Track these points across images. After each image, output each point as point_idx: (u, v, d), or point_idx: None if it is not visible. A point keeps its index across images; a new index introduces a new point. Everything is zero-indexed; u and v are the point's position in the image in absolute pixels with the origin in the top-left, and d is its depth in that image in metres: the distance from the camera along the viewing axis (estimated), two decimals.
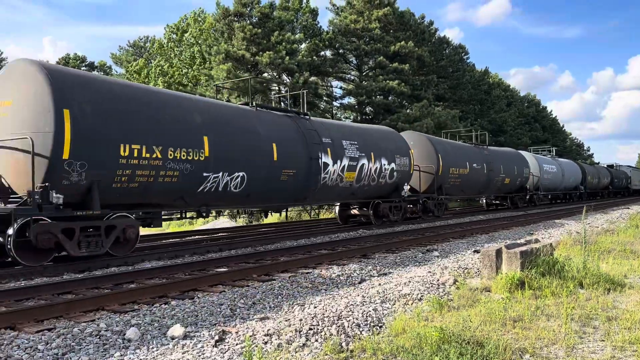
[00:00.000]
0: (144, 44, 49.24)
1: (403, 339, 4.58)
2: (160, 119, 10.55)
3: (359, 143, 15.99)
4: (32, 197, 8.59)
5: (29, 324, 5.51)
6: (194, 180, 11.07)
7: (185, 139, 10.84)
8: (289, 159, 13.35)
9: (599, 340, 4.70)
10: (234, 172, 11.91)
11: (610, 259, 8.80)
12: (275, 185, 13.21)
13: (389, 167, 17.09)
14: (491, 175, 24.33)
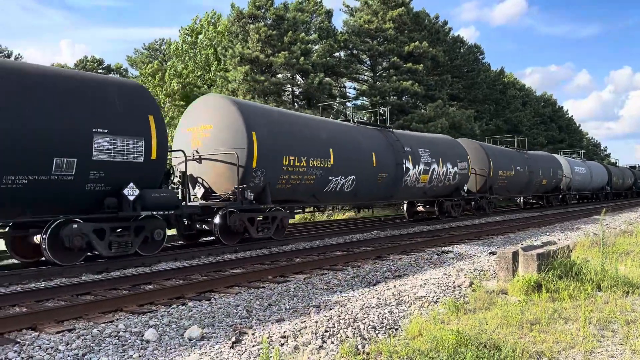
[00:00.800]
0: (159, 47, 49.62)
1: (419, 342, 4.58)
2: (304, 137, 13.96)
3: (430, 150, 19.22)
4: (235, 195, 12.19)
5: (50, 324, 5.61)
6: (323, 182, 14.51)
7: (319, 151, 14.21)
8: (383, 165, 16.66)
9: (617, 344, 4.66)
10: (348, 176, 15.31)
11: (629, 260, 8.69)
12: (373, 185, 16.56)
13: (453, 171, 20.26)
14: (531, 176, 27.06)
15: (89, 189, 9.37)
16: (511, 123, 47.92)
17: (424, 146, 19.09)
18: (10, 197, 8.46)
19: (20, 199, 8.59)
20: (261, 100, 28.66)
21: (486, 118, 44.10)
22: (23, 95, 8.58)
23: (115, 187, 9.65)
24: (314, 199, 14.67)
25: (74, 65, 53.73)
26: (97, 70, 53.69)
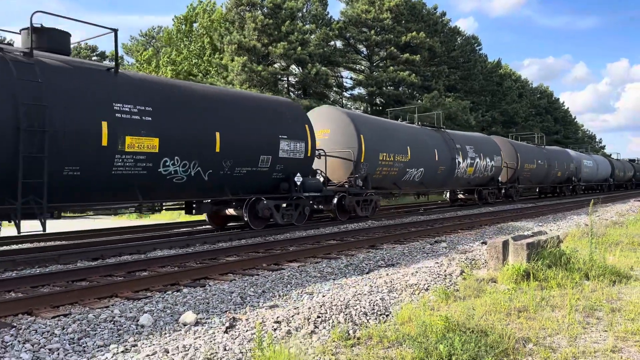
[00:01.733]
0: (156, 34, 49.36)
1: (409, 328, 4.69)
2: (392, 138, 17.83)
3: (474, 147, 22.88)
4: (350, 182, 16.00)
5: (45, 309, 5.69)
6: (402, 173, 18.37)
7: (400, 149, 17.99)
8: (442, 159, 20.44)
9: (601, 330, 4.77)
10: (419, 168, 19.12)
11: (618, 251, 8.83)
12: (435, 176, 20.44)
13: (490, 164, 23.98)
14: (549, 169, 30.78)
15: (274, 177, 13.36)
16: (507, 114, 48.03)
17: (469, 143, 22.77)
18: (234, 182, 12.30)
19: (239, 183, 12.47)
20: (258, 90, 28.63)
21: (482, 109, 44.19)
22: (243, 114, 12.57)
23: (288, 175, 13.64)
24: (395, 186, 18.75)
25: None
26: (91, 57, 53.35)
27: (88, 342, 4.62)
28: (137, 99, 10.06)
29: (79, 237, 12.89)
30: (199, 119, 11.24)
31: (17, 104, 8.33)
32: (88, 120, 9.23)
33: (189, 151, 10.92)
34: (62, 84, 9.06)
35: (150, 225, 16.22)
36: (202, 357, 3.93)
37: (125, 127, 9.72)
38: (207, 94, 12.06)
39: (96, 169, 9.41)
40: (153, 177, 10.35)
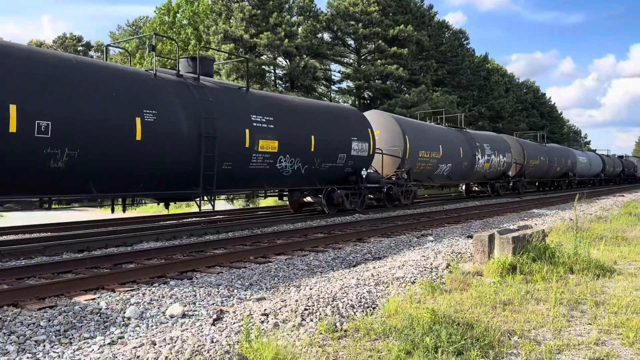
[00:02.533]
0: (143, 24, 48.81)
1: (395, 320, 4.72)
2: (428, 138, 20.85)
3: (490, 145, 25.91)
4: (398, 175, 19.03)
5: (31, 301, 5.63)
6: (435, 168, 21.34)
7: (434, 147, 20.99)
8: (465, 156, 23.36)
9: (585, 323, 4.85)
10: (447, 164, 22.07)
11: (601, 245, 8.96)
12: (459, 170, 23.32)
13: (503, 160, 26.98)
14: (550, 165, 33.75)
15: (346, 171, 16.20)
16: (494, 109, 48.34)
17: (486, 142, 25.72)
18: (320, 175, 15.30)
19: (322, 175, 15.44)
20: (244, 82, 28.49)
21: (469, 104, 44.40)
22: (327, 120, 15.61)
23: (356, 170, 16.45)
24: (428, 179, 21.80)
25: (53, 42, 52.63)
26: (77, 47, 52.67)
27: (74, 334, 4.59)
28: (264, 112, 13.30)
29: (64, 229, 12.78)
30: (301, 125, 14.40)
31: (199, 118, 11.41)
32: (237, 128, 12.40)
33: (295, 150, 14.06)
34: (221, 101, 12.22)
35: (136, 217, 16.12)
36: (190, 349, 3.93)
37: (259, 133, 12.91)
38: (304, 105, 15.51)
39: (240, 165, 12.60)
40: (272, 170, 13.58)
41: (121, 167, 10.16)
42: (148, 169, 10.69)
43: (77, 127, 9.18)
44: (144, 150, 10.33)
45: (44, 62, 9.09)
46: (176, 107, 11.14)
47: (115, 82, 10.10)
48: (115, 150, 9.87)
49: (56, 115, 8.88)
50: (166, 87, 11.21)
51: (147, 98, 10.54)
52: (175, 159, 11.03)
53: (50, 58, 9.37)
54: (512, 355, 4.05)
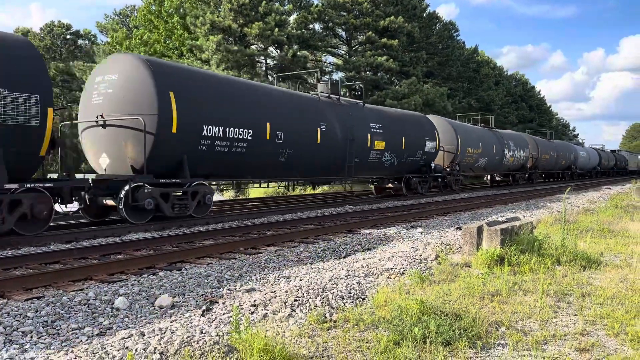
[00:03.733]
0: (130, 12, 48.24)
1: (384, 311, 4.75)
2: (471, 136, 25.41)
3: (514, 142, 30.97)
4: (452, 167, 23.38)
5: (18, 292, 5.59)
6: (476, 161, 25.86)
7: (476, 144, 25.57)
8: (497, 151, 28.14)
9: (572, 314, 4.90)
10: (485, 157, 26.65)
11: (588, 237, 9.05)
12: (493, 163, 28.04)
13: (523, 155, 32.03)
14: (558, 158, 39.00)
15: (420, 163, 20.86)
16: (483, 101, 48.46)
17: (511, 139, 30.73)
18: (405, 167, 19.98)
19: (406, 167, 20.15)
20: (235, 72, 28.30)
21: (459, 96, 44.48)
22: (411, 124, 20.40)
23: (427, 162, 21.19)
24: (470, 170, 26.27)
25: (40, 29, 51.88)
26: (66, 36, 52.01)
27: (62, 325, 4.57)
28: (376, 121, 18.31)
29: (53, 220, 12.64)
30: (396, 129, 19.25)
31: (346, 127, 16.55)
32: (363, 134, 17.42)
33: (393, 148, 18.90)
34: (354, 114, 17.34)
35: None
36: (179, 340, 3.92)
37: (374, 136, 17.91)
38: (398, 114, 20.70)
39: (364, 159, 17.59)
40: (379, 163, 18.59)
41: (309, 161, 15.46)
42: (322, 162, 15.92)
43: (292, 135, 14.33)
44: (321, 149, 15.59)
45: (277, 97, 14.65)
46: (334, 120, 16.26)
47: (303, 104, 15.48)
48: (307, 150, 15.06)
49: (285, 128, 14.07)
50: (327, 106, 16.44)
51: (320, 114, 15.78)
52: (335, 155, 16.28)
53: (278, 93, 14.98)
54: (499, 346, 4.09)
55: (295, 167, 14.96)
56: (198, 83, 12.02)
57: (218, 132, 12.07)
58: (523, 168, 32.65)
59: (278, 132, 13.72)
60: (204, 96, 11.94)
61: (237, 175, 13.78)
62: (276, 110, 14.01)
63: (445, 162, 23.30)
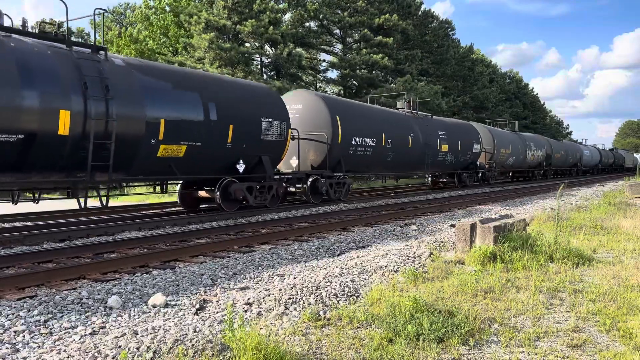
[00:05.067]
0: (123, 11, 48.05)
1: (378, 308, 4.75)
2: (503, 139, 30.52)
3: (534, 142, 35.88)
4: (490, 165, 28.64)
5: (10, 291, 5.57)
6: (506, 159, 30.68)
7: (507, 145, 30.58)
8: (522, 151, 32.90)
9: (564, 311, 4.93)
10: (513, 156, 31.49)
11: (581, 234, 9.09)
12: (519, 161, 32.79)
13: (540, 154, 36.66)
14: (566, 157, 43.94)
15: (469, 162, 25.94)
16: (477, 99, 48.59)
17: (532, 141, 35.85)
18: (459, 164, 25.44)
19: (458, 165, 25.25)
20: (229, 70, 28.23)
21: (454, 94, 44.57)
22: (462, 132, 25.41)
23: (473, 161, 26.26)
24: (502, 167, 30.98)
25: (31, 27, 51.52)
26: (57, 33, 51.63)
27: (54, 324, 4.55)
28: (441, 129, 23.43)
29: (45, 218, 12.62)
30: (455, 135, 24.38)
31: (424, 134, 21.84)
32: (434, 140, 22.79)
33: (453, 150, 23.99)
34: (428, 124, 22.87)
35: (118, 207, 15.97)
36: (172, 339, 3.92)
37: (441, 141, 23.03)
38: (455, 123, 25.90)
39: (434, 158, 22.92)
40: (443, 162, 23.74)
41: (403, 160, 20.80)
42: (410, 161, 21.37)
43: (395, 141, 19.68)
44: (411, 152, 20.95)
45: (386, 114, 20.70)
46: (417, 129, 21.47)
47: (399, 119, 21.05)
48: (403, 152, 20.36)
49: (391, 136, 19.48)
50: (411, 119, 21.79)
51: (408, 126, 21.09)
52: (419, 156, 21.56)
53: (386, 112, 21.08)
54: (492, 343, 4.11)
55: (396, 165, 20.75)
56: (349, 109, 18.08)
57: (359, 141, 17.61)
58: (540, 165, 37.86)
59: (388, 140, 19.22)
60: (352, 117, 17.60)
61: (364, 172, 20.19)
62: (386, 124, 19.56)
63: (485, 160, 28.36)
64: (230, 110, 12.57)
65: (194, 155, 11.66)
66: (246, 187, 13.04)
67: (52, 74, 9.08)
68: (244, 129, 12.88)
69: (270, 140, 13.81)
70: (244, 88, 13.74)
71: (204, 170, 12.52)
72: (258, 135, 13.36)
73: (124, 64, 10.75)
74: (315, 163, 16.54)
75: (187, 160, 11.61)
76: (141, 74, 10.81)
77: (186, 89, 11.57)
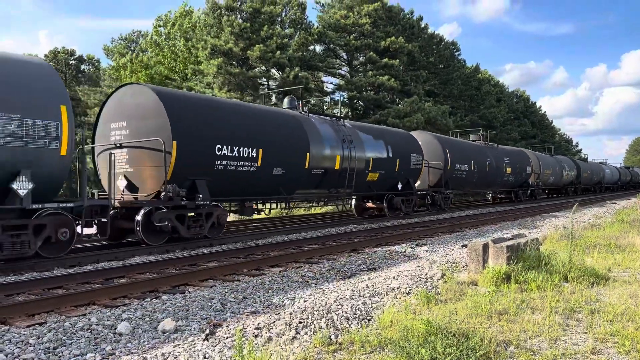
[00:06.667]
0: (136, 38, 48.84)
1: (391, 332, 4.67)
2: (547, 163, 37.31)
3: (567, 164, 41.02)
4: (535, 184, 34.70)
5: (20, 318, 5.54)
6: (548, 178, 37.15)
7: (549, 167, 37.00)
8: (559, 171, 38.77)
9: (581, 332, 4.82)
10: (553, 176, 37.57)
11: (595, 253, 8.95)
12: (556, 179, 38.15)
13: (572, 173, 41.84)
14: (592, 176, 48.77)
15: (523, 180, 32.12)
16: (485, 119, 48.53)
17: (565, 162, 41.22)
18: (516, 182, 31.33)
19: (517, 183, 31.72)
20: (237, 94, 28.48)
21: (461, 113, 44.58)
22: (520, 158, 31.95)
23: (525, 180, 32.45)
24: (543, 185, 36.07)
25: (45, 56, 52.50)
26: (69, 61, 52.61)
27: (64, 352, 4.51)
28: (505, 155, 29.44)
29: None
30: (515, 160, 29.82)
31: (496, 160, 27.83)
32: (501, 164, 28.54)
33: (515, 172, 29.55)
34: (496, 152, 28.75)
35: None
36: None
37: (506, 165, 28.89)
38: (514, 150, 30.99)
39: (501, 179, 28.84)
40: (507, 181, 29.51)
41: (483, 180, 26.34)
42: (487, 180, 26.76)
43: (478, 166, 24.92)
44: (488, 174, 26.46)
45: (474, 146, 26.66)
46: (491, 156, 27.24)
47: (481, 148, 26.63)
48: (483, 174, 25.61)
49: (476, 162, 24.91)
50: (487, 148, 27.63)
51: (485, 154, 26.63)
52: (494, 177, 27.58)
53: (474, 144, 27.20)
54: None
55: (478, 184, 26.78)
56: (453, 143, 24.13)
57: (459, 167, 23.37)
58: (572, 183, 43.43)
59: (475, 165, 24.82)
60: (455, 150, 23.53)
61: (459, 189, 25.23)
62: (473, 154, 25.49)
63: (533, 180, 33.52)
64: (397, 149, 18.94)
65: (381, 178, 18.24)
66: (401, 200, 19.22)
67: (332, 136, 16.04)
68: (402, 161, 19.11)
69: (414, 168, 19.99)
70: (400, 135, 20.56)
71: (382, 188, 18.62)
72: (408, 165, 19.51)
73: (350, 125, 17.59)
74: (433, 183, 22.14)
75: (378, 182, 18.22)
76: (360, 131, 17.63)
77: (378, 139, 18.30)
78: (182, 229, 11.23)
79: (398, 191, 19.15)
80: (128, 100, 11.78)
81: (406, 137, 20.57)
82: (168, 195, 10.86)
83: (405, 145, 19.73)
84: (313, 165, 14.90)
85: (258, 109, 14.38)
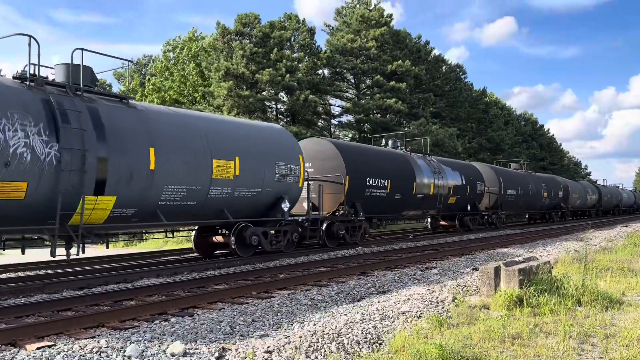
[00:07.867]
0: (147, 62, 49.51)
1: (403, 356, 4.61)
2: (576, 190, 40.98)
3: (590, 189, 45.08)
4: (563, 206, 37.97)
5: (30, 340, 5.52)
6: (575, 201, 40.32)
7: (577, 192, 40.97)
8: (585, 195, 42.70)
9: (597, 357, 4.73)
10: (579, 200, 41.13)
11: (608, 277, 8.84)
12: (583, 205, 42.83)
13: (595, 197, 45.69)
14: (611, 200, 52.06)
15: (555, 203, 35.42)
16: (493, 141, 48.52)
17: (588, 187, 44.66)
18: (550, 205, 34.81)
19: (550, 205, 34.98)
20: (246, 117, 28.70)
21: (469, 136, 44.62)
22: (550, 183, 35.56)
23: (558, 203, 35.84)
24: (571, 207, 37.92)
25: None
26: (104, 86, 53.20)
27: None
28: (542, 182, 33.42)
29: (64, 266, 12.65)
30: (550, 185, 34.28)
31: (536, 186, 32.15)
32: (539, 189, 32.68)
33: (550, 196, 33.71)
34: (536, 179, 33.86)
35: (137, 253, 15.99)
36: None
37: (543, 190, 32.86)
38: (548, 176, 36.29)
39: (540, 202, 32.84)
40: (544, 204, 33.45)
41: (527, 204, 30.45)
42: (529, 203, 30.37)
43: (524, 191, 29.38)
44: (531, 198, 30.29)
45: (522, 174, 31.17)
46: (533, 184, 30.76)
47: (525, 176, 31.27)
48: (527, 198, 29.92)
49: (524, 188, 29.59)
50: (528, 176, 31.35)
51: (527, 180, 30.61)
52: (539, 200, 32.01)
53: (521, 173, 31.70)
54: None
55: (523, 207, 30.15)
56: (504, 172, 28.03)
57: (510, 192, 27.23)
58: (594, 206, 46.49)
59: (521, 190, 28.62)
60: (506, 177, 27.31)
61: (509, 210, 28.56)
62: (519, 180, 29.14)
63: (564, 203, 36.56)
64: (467, 178, 23.39)
65: (457, 201, 22.67)
66: (469, 219, 23.42)
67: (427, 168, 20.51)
68: (471, 187, 23.64)
69: (479, 193, 24.39)
70: (468, 166, 25.30)
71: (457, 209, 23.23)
72: (475, 190, 24.01)
73: (436, 160, 21.95)
74: (490, 205, 25.97)
75: (455, 204, 22.69)
76: (443, 164, 21.99)
77: (455, 170, 22.70)
78: (347, 236, 15.81)
79: (467, 211, 23.59)
80: (311, 147, 16.40)
81: (472, 168, 25.20)
82: (344, 213, 15.54)
83: (472, 174, 24.20)
84: (418, 192, 19.45)
85: (386, 152, 19.66)
